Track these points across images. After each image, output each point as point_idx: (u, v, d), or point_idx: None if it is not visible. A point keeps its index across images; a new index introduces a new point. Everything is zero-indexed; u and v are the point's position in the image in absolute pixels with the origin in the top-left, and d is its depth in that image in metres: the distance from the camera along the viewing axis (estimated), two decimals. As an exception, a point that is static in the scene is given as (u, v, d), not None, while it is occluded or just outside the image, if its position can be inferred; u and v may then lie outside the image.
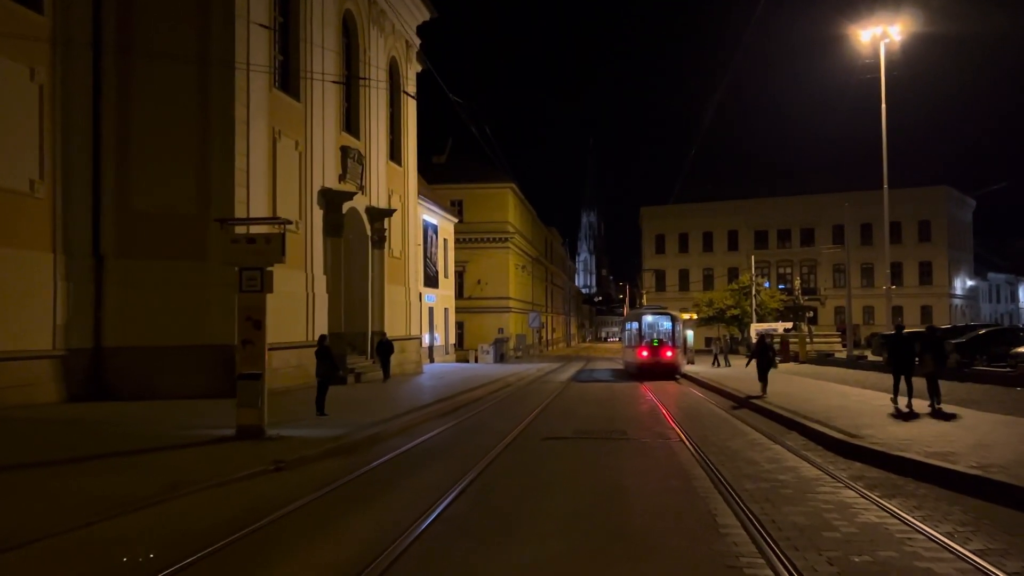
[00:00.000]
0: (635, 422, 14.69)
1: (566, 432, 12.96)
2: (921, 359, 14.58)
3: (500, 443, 11.44)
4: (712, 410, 17.01)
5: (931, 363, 14.38)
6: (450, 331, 48.64)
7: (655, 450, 11.02)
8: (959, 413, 13.59)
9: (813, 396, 17.84)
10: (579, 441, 12.04)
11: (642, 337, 30.32)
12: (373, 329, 27.14)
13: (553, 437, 12.42)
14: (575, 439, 12.26)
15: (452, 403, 18.03)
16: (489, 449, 10.80)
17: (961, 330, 28.53)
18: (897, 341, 15.09)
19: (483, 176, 59.04)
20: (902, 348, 14.75)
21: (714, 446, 11.25)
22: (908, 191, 70.61)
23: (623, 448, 11.29)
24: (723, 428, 13.61)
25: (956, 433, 11.06)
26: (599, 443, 11.83)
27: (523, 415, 15.72)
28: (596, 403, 19.32)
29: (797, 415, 13.81)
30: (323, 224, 23.50)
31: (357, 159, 25.93)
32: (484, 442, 11.54)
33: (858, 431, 11.46)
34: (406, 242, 31.14)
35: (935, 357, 14.51)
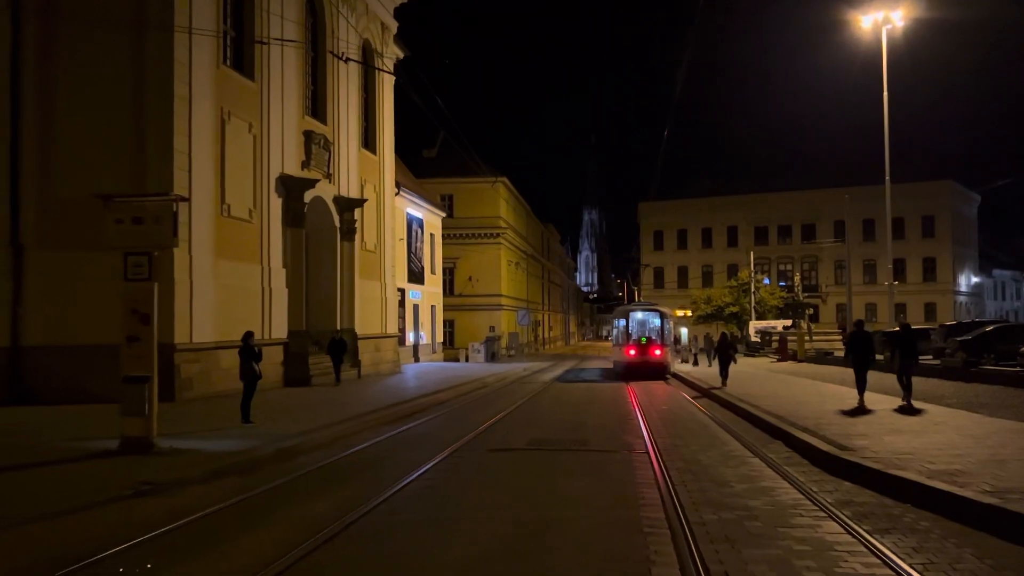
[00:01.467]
0: (604, 429, 13.12)
1: (520, 442, 11.38)
2: (891, 356, 14.55)
3: (436, 457, 9.87)
4: (694, 415, 15.43)
5: (899, 360, 14.18)
6: (437, 329, 47.08)
7: (613, 466, 9.44)
8: (966, 416, 12.01)
9: (793, 395, 16.25)
10: (530, 454, 10.47)
11: (630, 335, 28.75)
12: (342, 326, 25.57)
13: (503, 448, 10.85)
14: (526, 451, 10.68)
15: (411, 407, 16.48)
16: (418, 465, 9.22)
17: (967, 327, 26.87)
18: (858, 338, 14.88)
19: (473, 170, 57.40)
20: (862, 344, 14.61)
21: (683, 460, 9.67)
22: (911, 186, 68.84)
23: (577, 463, 9.72)
24: (700, 437, 12.02)
25: (965, 445, 9.45)
26: (552, 456, 10.26)
27: (482, 421, 14.14)
28: (571, 406, 17.77)
29: (783, 421, 12.23)
30: (282, 213, 21.93)
31: (323, 145, 24.36)
32: (418, 456, 9.96)
33: (850, 441, 9.87)
34: (381, 235, 29.56)
35: (904, 354, 14.19)
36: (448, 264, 55.58)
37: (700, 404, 17.41)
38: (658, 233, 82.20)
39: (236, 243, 19.60)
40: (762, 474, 8.70)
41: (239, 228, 19.82)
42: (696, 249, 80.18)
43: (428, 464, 9.34)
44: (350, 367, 25.32)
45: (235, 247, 19.54)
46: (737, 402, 15.96)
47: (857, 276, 72.97)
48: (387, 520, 6.61)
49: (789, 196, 74.39)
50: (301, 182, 22.39)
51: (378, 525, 6.46)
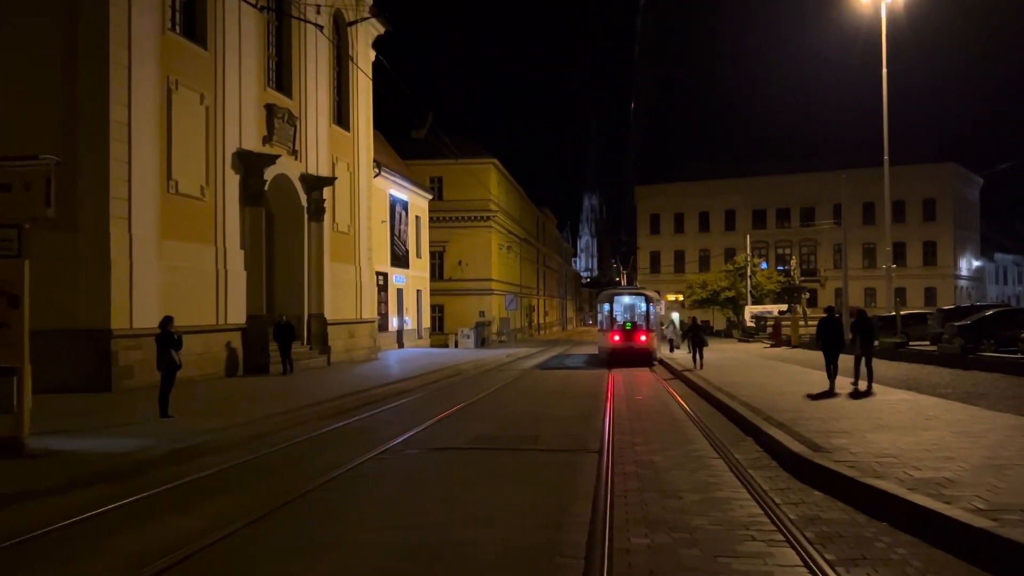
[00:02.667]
0: (564, 424, 11.95)
1: (463, 440, 10.20)
2: (852, 341, 14.84)
3: (357, 459, 8.70)
4: (667, 406, 14.26)
5: (860, 345, 14.61)
6: (424, 314, 45.89)
7: (554, 470, 8.27)
8: (962, 409, 10.81)
9: (777, 383, 15.07)
10: (467, 455, 9.29)
11: (614, 320, 27.54)
12: (311, 311, 24.40)
13: (441, 448, 9.69)
14: (465, 451, 9.51)
15: (365, 397, 15.31)
16: (331, 469, 8.06)
17: (966, 311, 25.63)
18: (827, 324, 15.17)
19: (464, 151, 55.99)
20: (831, 330, 14.96)
21: (636, 462, 8.49)
22: (912, 168, 67.30)
23: (515, 466, 8.55)
24: (666, 433, 10.84)
25: (958, 445, 8.26)
26: (490, 458, 9.09)
27: (435, 414, 12.98)
28: (540, 396, 16.63)
29: (759, 415, 11.05)
30: (240, 191, 20.68)
31: (287, 120, 23.06)
32: (338, 458, 8.80)
33: (828, 440, 8.68)
34: (356, 216, 28.29)
35: (864, 339, 14.61)
36: (437, 248, 54.31)
37: (678, 394, 16.22)
38: (655, 217, 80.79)
39: (186, 222, 18.36)
40: (721, 481, 7.51)
41: (189, 206, 18.58)
42: (693, 233, 78.81)
43: (342, 468, 8.16)
44: (319, 354, 24.21)
45: (185, 226, 18.30)
46: (715, 392, 14.78)
47: (856, 260, 71.61)
48: (244, 548, 5.42)
49: (788, 179, 72.95)
50: (261, 158, 21.12)
51: (230, 554, 5.28)
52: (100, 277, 15.64)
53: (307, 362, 23.01)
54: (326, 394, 15.11)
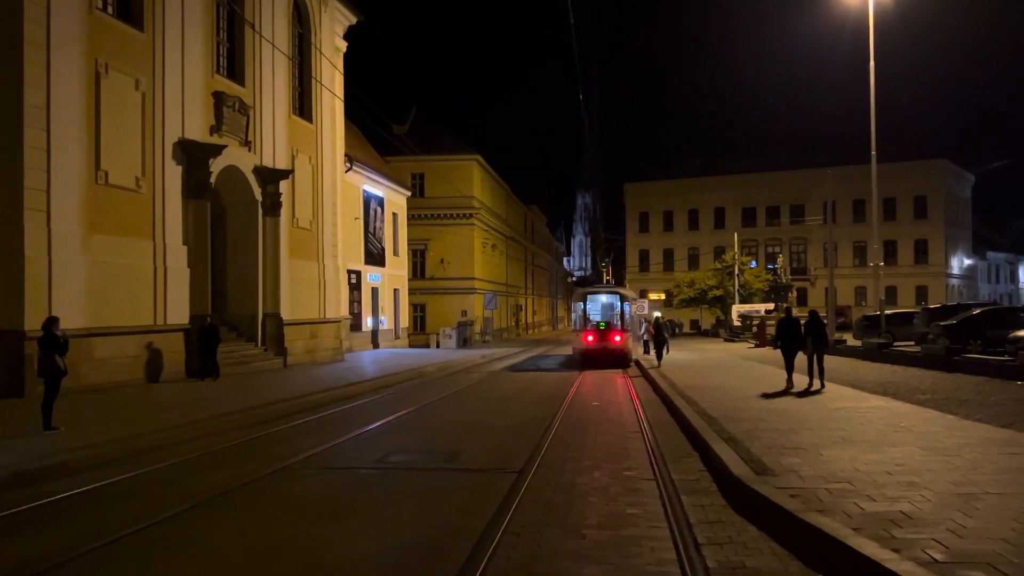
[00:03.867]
0: (499, 435, 10.82)
1: (371, 458, 9.04)
2: (804, 341, 15.11)
3: (241, 481, 7.57)
4: (621, 414, 13.12)
5: (811, 345, 14.98)
6: (402, 314, 44.70)
7: (455, 495, 7.12)
8: (938, 419, 9.70)
9: (745, 387, 13.96)
10: (368, 476, 8.16)
11: (588, 320, 26.40)
12: (265, 311, 23.21)
13: (345, 467, 8.56)
14: (369, 471, 8.36)
15: (299, 404, 14.15)
16: (205, 491, 6.95)
17: (952, 310, 24.57)
18: (786, 324, 15.59)
19: (446, 147, 54.88)
20: (790, 330, 15.34)
21: (553, 485, 7.36)
22: (904, 165, 66.38)
23: (411, 491, 7.40)
24: (605, 447, 9.71)
25: (926, 465, 7.14)
26: (390, 480, 7.97)
27: (363, 424, 11.86)
28: (493, 401, 15.53)
29: (714, 424, 9.93)
30: (183, 183, 19.47)
31: (239, 109, 21.85)
32: (222, 477, 7.70)
33: (780, 457, 7.57)
34: (319, 211, 27.08)
35: (816, 339, 15.02)
36: (418, 246, 53.17)
37: (640, 400, 15.10)
38: (644, 215, 79.71)
39: (118, 215, 17.17)
40: (643, 512, 6.37)
41: (122, 198, 17.38)
42: (682, 231, 77.78)
43: (214, 492, 7.02)
44: (274, 355, 23.04)
45: (116, 220, 17.12)
46: (676, 398, 13.64)
47: (847, 258, 70.71)
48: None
49: (778, 176, 71.94)
50: (206, 148, 19.92)
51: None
52: (12, 274, 14.46)
53: (260, 364, 21.85)
54: (256, 401, 13.93)
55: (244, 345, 22.50)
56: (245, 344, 22.62)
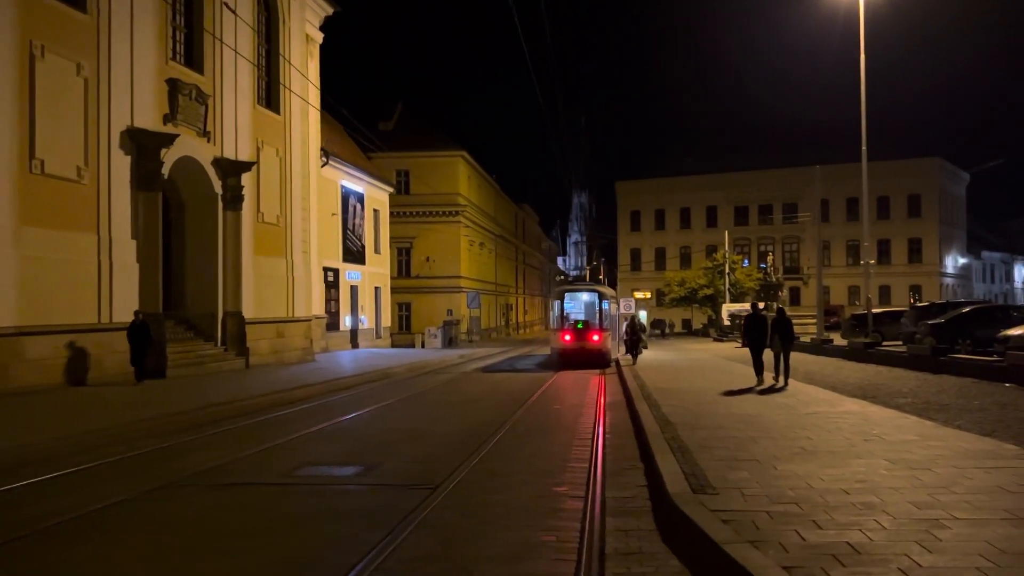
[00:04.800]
0: (437, 444, 9.92)
1: (279, 472, 8.12)
2: (771, 339, 15.13)
3: (106, 501, 6.64)
4: (579, 420, 12.20)
5: (778, 342, 15.00)
6: (384, 312, 43.75)
7: (350, 518, 6.19)
8: (914, 425, 8.79)
9: (717, 388, 13.05)
10: (264, 492, 7.23)
11: (565, 319, 25.47)
12: (226, 309, 22.24)
13: (244, 482, 7.61)
14: (269, 487, 7.43)
15: (236, 408, 13.22)
16: (54, 516, 6.02)
17: (941, 308, 23.69)
18: (753, 321, 15.72)
19: (432, 144, 53.97)
20: (756, 328, 15.45)
21: (467, 506, 6.44)
22: (898, 163, 65.63)
23: (302, 513, 6.47)
24: (545, 459, 8.81)
25: (892, 481, 6.24)
26: (287, 498, 7.05)
27: (294, 431, 10.93)
28: (451, 404, 14.66)
29: (670, 430, 9.02)
30: (132, 174, 18.52)
31: (196, 97, 20.89)
32: (91, 495, 6.79)
33: (728, 472, 6.66)
34: (287, 206, 26.11)
35: (782, 337, 15.00)
36: (404, 244, 52.31)
37: (606, 403, 14.19)
38: (635, 213, 78.85)
39: (55, 207, 16.21)
40: (555, 540, 5.45)
41: (61, 189, 16.43)
42: (674, 229, 76.97)
43: (63, 517, 6.08)
44: (235, 355, 22.08)
45: (54, 212, 16.15)
46: (640, 401, 12.73)
47: (840, 257, 70.01)
48: None
49: (771, 174, 71.12)
50: (156, 137, 18.96)
51: None
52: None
53: (218, 365, 20.90)
54: (189, 405, 12.96)
55: (203, 345, 21.55)
56: (204, 344, 21.67)
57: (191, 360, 20.19)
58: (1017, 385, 13.50)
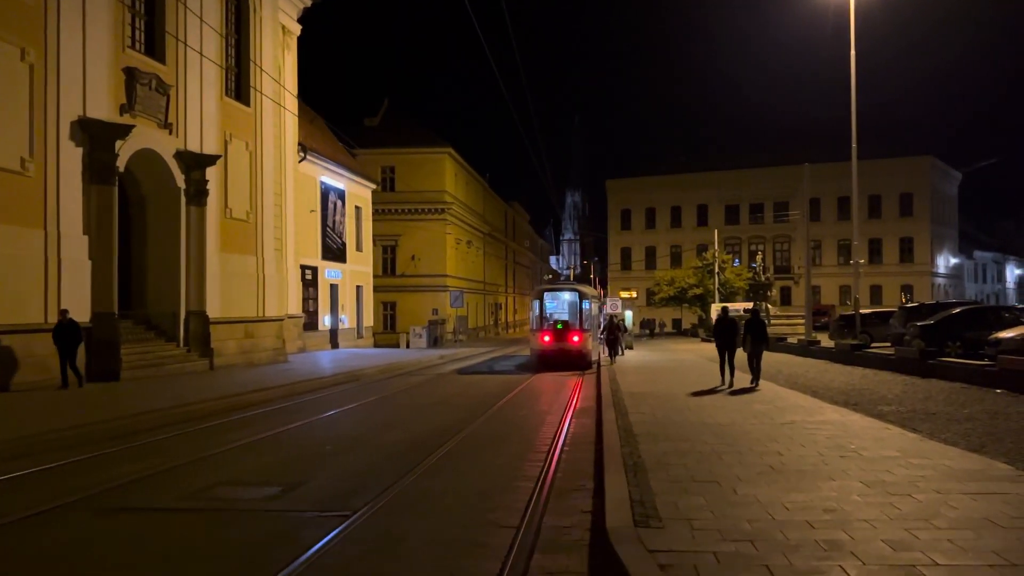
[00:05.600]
0: (372, 458, 9.11)
1: (178, 495, 7.28)
2: (743, 340, 15.17)
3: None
4: (539, 429, 11.38)
5: (751, 343, 15.05)
6: (366, 312, 42.87)
7: (216, 558, 5.35)
8: (897, 438, 8.01)
9: (680, 391, 12.25)
10: (154, 520, 6.39)
11: (544, 319, 24.65)
12: (189, 308, 21.34)
13: (133, 508, 6.77)
14: (162, 513, 6.59)
15: (173, 415, 12.34)
16: None
17: (931, 309, 22.96)
18: (722, 323, 15.60)
19: (418, 140, 53.09)
20: (727, 329, 15.35)
21: (376, 538, 5.62)
22: (890, 162, 65.01)
23: (148, 563, 5.62)
24: (488, 476, 8.00)
25: (861, 511, 5.46)
26: (165, 530, 6.19)
27: (216, 446, 10.07)
28: (408, 410, 13.83)
29: (632, 442, 8.23)
30: (84, 167, 17.62)
31: (156, 87, 19.98)
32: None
33: (682, 497, 5.87)
34: (258, 202, 25.20)
35: (755, 338, 15.09)
36: (389, 242, 51.44)
37: (576, 408, 13.39)
38: (625, 212, 78.07)
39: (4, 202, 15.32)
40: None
41: (2, 181, 15.51)
42: (664, 228, 76.19)
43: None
44: (199, 356, 21.18)
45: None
46: (609, 408, 11.92)
47: (831, 257, 69.42)
48: None
49: (762, 173, 70.37)
50: (111, 128, 18.05)
51: None
52: None
53: (179, 367, 20.01)
54: (123, 412, 12.07)
55: (164, 345, 20.67)
56: (165, 344, 20.78)
57: (149, 361, 19.31)
58: (1009, 391, 12.75)
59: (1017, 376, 12.80)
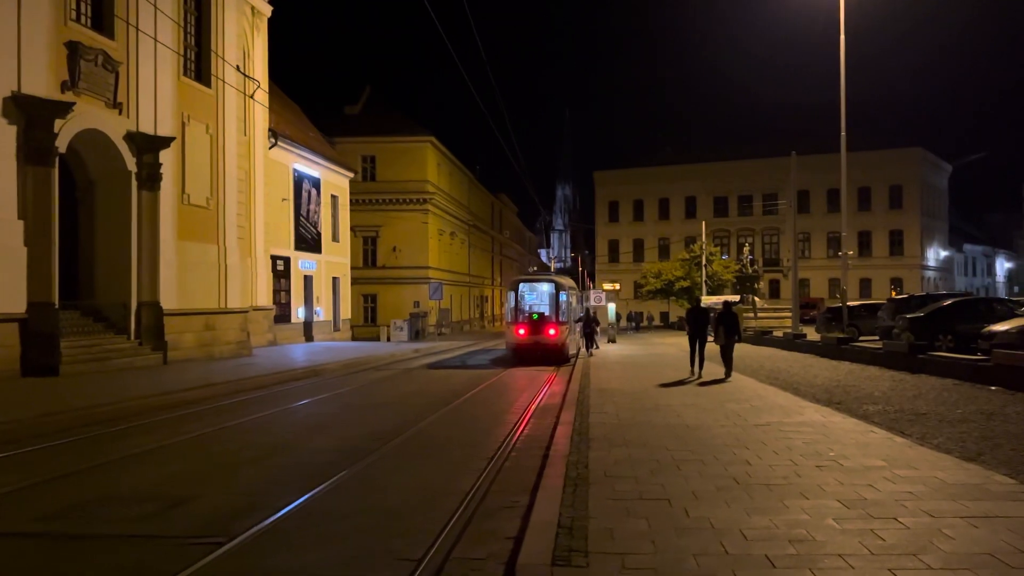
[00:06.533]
0: (287, 469, 8.05)
1: (36, 515, 6.20)
2: (716, 331, 15.52)
3: None
4: (493, 429, 10.35)
5: (723, 335, 15.14)
6: (343, 304, 41.72)
7: None
8: (883, 444, 7.02)
9: (653, 388, 11.24)
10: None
11: (519, 311, 23.59)
12: (141, 299, 20.20)
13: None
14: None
15: (83, 415, 11.21)
16: None
17: (921, 301, 22.03)
18: (694, 315, 15.87)
19: (399, 128, 51.81)
20: (698, 320, 15.60)
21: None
22: (879, 153, 64.23)
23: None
24: (408, 495, 6.95)
25: (838, 542, 4.46)
26: (18, 555, 5.10)
27: (110, 454, 8.98)
28: (355, 410, 12.74)
29: (580, 450, 7.20)
30: (19, 147, 16.42)
31: (103, 64, 18.77)
32: None
33: (620, 523, 4.83)
34: (219, 188, 24.00)
35: (727, 330, 15.16)
36: (369, 232, 50.25)
37: (538, 407, 12.36)
38: (613, 204, 77.07)
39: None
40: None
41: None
42: (653, 220, 75.23)
43: None
44: (151, 350, 20.05)
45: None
46: (570, 407, 10.93)
47: (820, 249, 68.69)
48: None
49: (751, 164, 69.49)
50: (49, 106, 16.85)
51: None
52: None
53: (128, 360, 18.87)
54: (29, 412, 10.95)
55: (112, 338, 19.52)
56: (114, 337, 19.64)
57: (94, 355, 18.18)
58: (1004, 388, 11.79)
59: (1013, 372, 11.84)
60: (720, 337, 15.29)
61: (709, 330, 16.41)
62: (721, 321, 15.52)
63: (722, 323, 15.43)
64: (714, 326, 15.94)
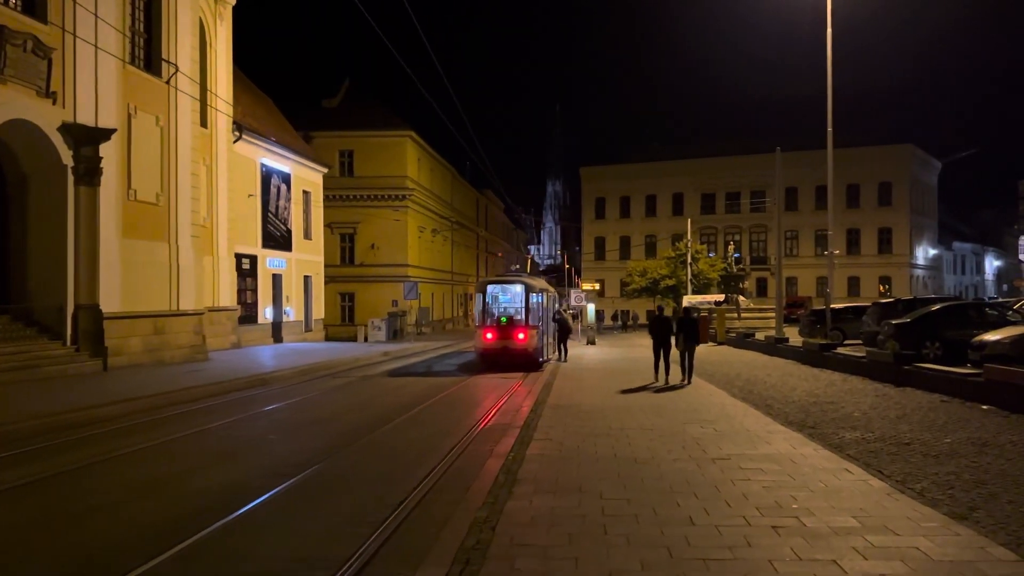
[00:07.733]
0: (148, 513, 6.84)
1: None
2: (676, 338, 15.50)
3: None
4: (419, 459, 9.11)
5: (683, 341, 15.31)
6: (315, 303, 40.40)
7: None
8: (857, 483, 5.87)
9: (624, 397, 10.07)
10: None
11: (487, 314, 22.39)
12: (79, 302, 18.89)
13: None
14: None
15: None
16: None
17: (908, 305, 20.90)
18: (657, 321, 15.93)
19: (377, 123, 50.40)
20: (661, 327, 15.68)
21: None
22: (869, 150, 63.33)
23: None
24: (273, 559, 5.73)
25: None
26: None
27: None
28: (277, 431, 11.51)
29: (507, 488, 6.00)
30: (-69, 138, 15.10)
31: (34, 50, 17.43)
32: None
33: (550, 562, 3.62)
34: (171, 183, 22.64)
35: (687, 336, 15.38)
36: (347, 229, 48.91)
37: (488, 425, 11.15)
38: (600, 200, 75.96)
39: None
40: None
41: None
42: (640, 217, 74.16)
43: None
44: (89, 356, 18.75)
45: None
46: (513, 432, 9.74)
47: (808, 247, 67.77)
48: None
49: (739, 161, 68.45)
50: (-34, 94, 15.53)
51: None
52: None
53: (60, 368, 17.58)
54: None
55: (45, 344, 18.21)
56: (48, 343, 18.33)
57: (21, 363, 16.87)
58: (997, 409, 10.66)
59: (1007, 390, 10.72)
60: (680, 343, 15.37)
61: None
62: (681, 328, 15.65)
63: (682, 330, 15.58)
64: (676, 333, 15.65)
